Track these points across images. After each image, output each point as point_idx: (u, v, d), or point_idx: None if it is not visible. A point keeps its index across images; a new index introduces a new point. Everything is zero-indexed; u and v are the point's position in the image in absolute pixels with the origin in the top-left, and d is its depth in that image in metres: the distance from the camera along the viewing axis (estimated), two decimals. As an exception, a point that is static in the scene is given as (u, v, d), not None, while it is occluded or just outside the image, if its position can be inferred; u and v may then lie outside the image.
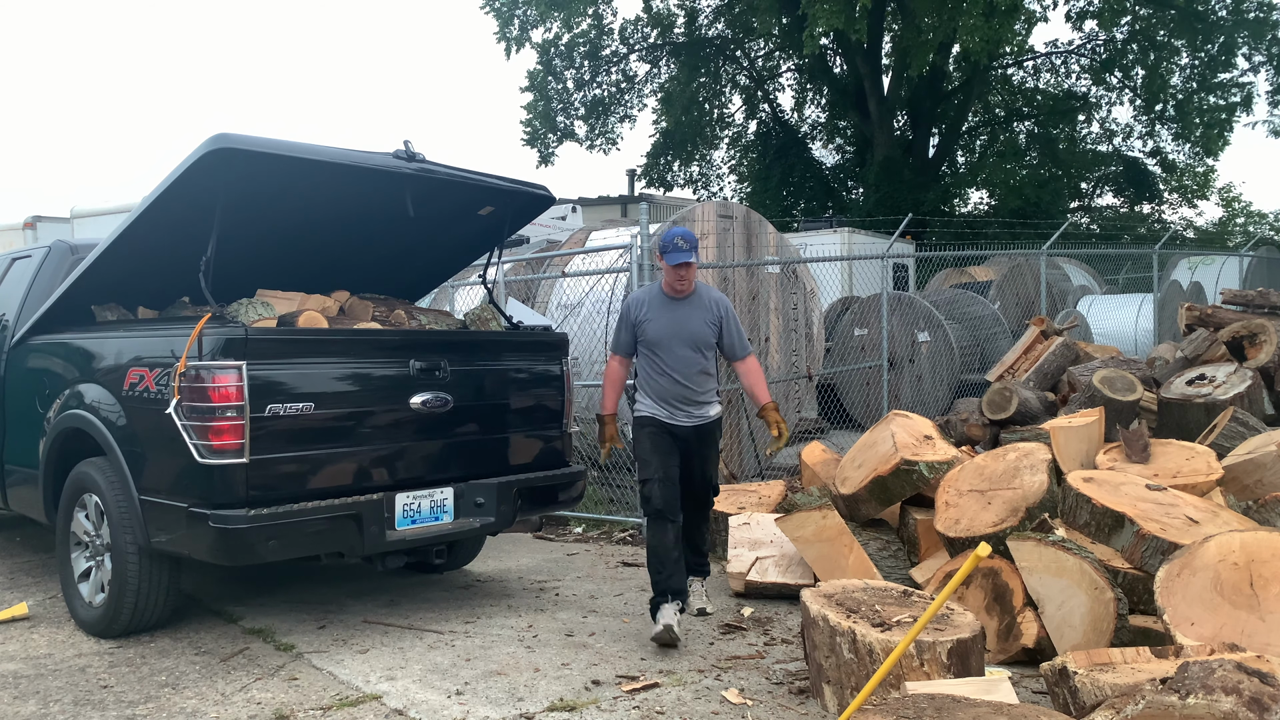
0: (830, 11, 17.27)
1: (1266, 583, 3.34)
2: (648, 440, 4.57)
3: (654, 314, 4.56)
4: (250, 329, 4.07)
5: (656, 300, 4.59)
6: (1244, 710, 2.28)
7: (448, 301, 9.19)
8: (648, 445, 4.56)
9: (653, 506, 4.45)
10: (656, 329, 4.54)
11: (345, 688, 3.86)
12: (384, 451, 4.46)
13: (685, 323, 4.54)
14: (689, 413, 4.60)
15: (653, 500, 4.45)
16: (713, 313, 4.60)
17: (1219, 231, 31.11)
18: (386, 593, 5.35)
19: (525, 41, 24.06)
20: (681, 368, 4.53)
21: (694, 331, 4.54)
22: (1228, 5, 21.17)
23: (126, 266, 4.78)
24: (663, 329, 4.54)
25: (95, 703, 3.76)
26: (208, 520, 3.94)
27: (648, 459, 4.52)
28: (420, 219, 4.90)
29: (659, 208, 18.85)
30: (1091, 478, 4.57)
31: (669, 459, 4.54)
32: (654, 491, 4.45)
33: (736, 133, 28.69)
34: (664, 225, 7.93)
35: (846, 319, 11.00)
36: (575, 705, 3.64)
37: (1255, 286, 10.76)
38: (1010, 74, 26.63)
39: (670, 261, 4.43)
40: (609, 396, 4.77)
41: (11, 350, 5.44)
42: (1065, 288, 14.93)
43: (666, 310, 4.56)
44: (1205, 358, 6.90)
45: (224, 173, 4.10)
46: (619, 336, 4.70)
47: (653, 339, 4.55)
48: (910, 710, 2.68)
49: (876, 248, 13.21)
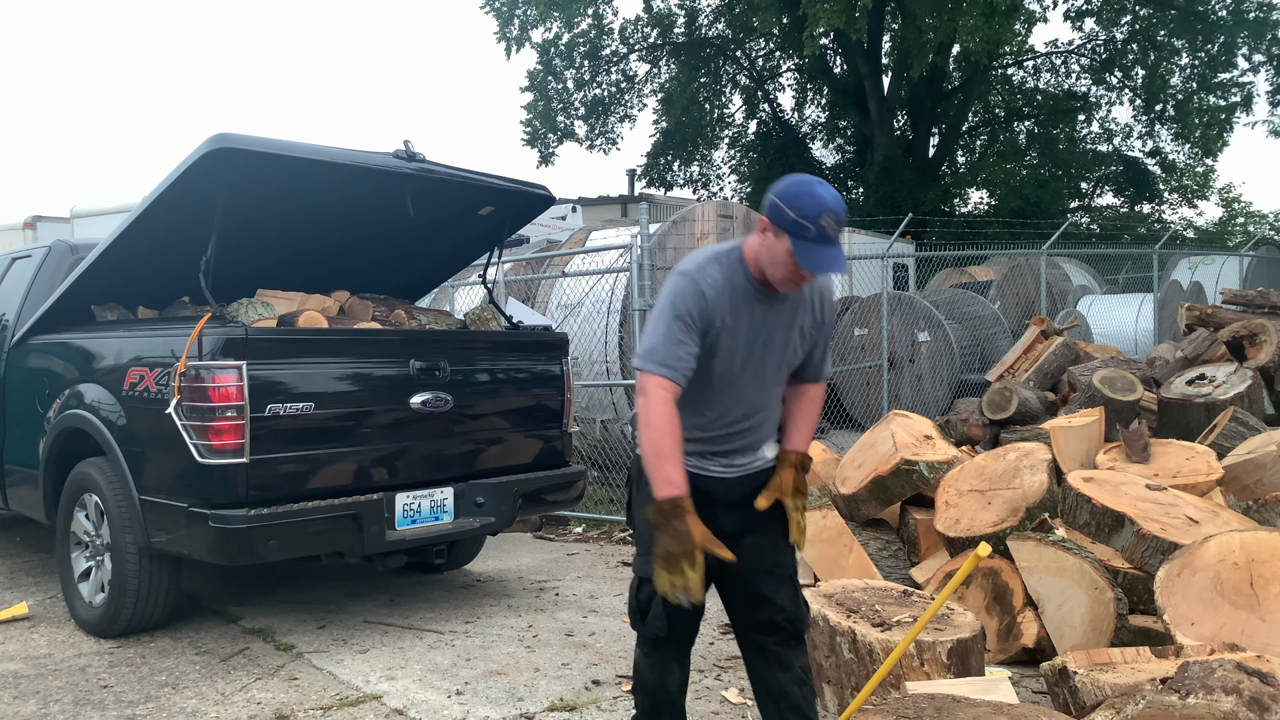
0: (830, 11, 17.27)
1: (1266, 583, 3.34)
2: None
3: (737, 316, 2.56)
4: (250, 329, 4.07)
5: (741, 291, 2.56)
6: (1244, 710, 2.28)
7: (448, 301, 9.19)
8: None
9: (650, 628, 2.64)
10: (736, 339, 2.58)
11: (345, 688, 3.86)
12: (384, 451, 4.45)
13: (778, 332, 2.63)
14: (738, 464, 2.70)
15: (651, 617, 2.62)
16: (814, 315, 2.70)
17: (1219, 231, 31.09)
18: (386, 593, 5.35)
19: (525, 41, 24.05)
20: (758, 400, 2.67)
21: (787, 346, 2.66)
22: (1228, 5, 21.17)
23: (126, 266, 4.78)
24: (745, 340, 2.59)
25: (95, 703, 3.76)
26: (208, 520, 3.94)
27: (650, 543, 2.52)
28: (420, 219, 4.90)
29: (659, 208, 18.83)
30: (1091, 478, 4.57)
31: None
32: (657, 603, 2.58)
33: (736, 133, 28.69)
34: (664, 225, 7.93)
35: (846, 319, 10.99)
36: (575, 705, 3.64)
37: (1255, 286, 10.76)
38: (1010, 74, 26.63)
39: (810, 260, 2.42)
40: (669, 461, 2.43)
41: (11, 350, 5.44)
42: (1065, 288, 14.92)
43: (753, 310, 2.58)
44: (1205, 358, 6.90)
45: (224, 173, 4.09)
46: (673, 341, 2.48)
47: (726, 354, 2.58)
48: (910, 710, 2.68)
49: (876, 248, 13.20)
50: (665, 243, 7.75)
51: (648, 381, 2.46)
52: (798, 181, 2.49)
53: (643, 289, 6.77)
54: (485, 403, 4.88)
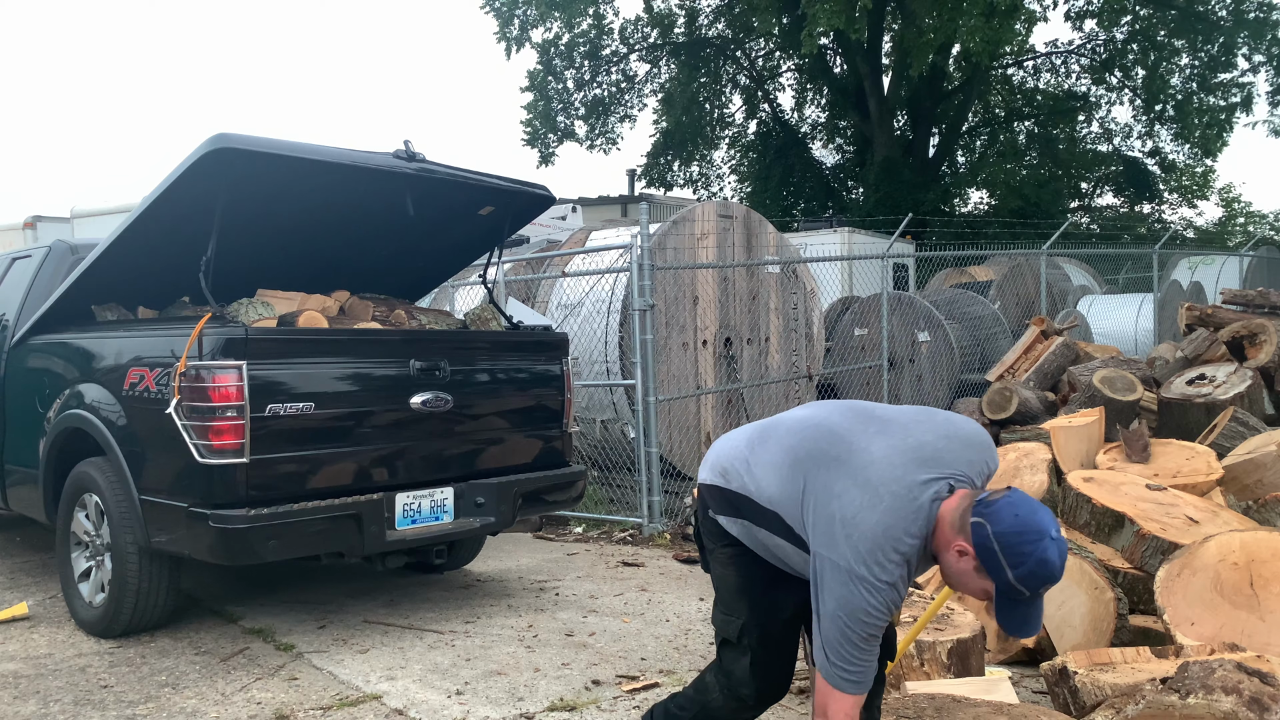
0: (830, 11, 17.28)
1: (1266, 583, 3.34)
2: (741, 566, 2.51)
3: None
4: (250, 329, 4.07)
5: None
6: (1244, 710, 2.28)
7: (448, 301, 9.19)
8: (744, 573, 2.50)
9: (736, 690, 2.49)
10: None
11: (345, 688, 3.86)
12: (384, 451, 4.45)
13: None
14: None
15: (738, 681, 2.48)
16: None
17: (1219, 231, 31.09)
18: (386, 593, 5.35)
19: (525, 41, 24.06)
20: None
21: None
22: (1228, 5, 21.19)
23: (126, 266, 4.77)
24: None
25: (95, 703, 3.76)
26: (208, 520, 3.94)
27: (742, 594, 2.48)
28: (420, 219, 4.89)
29: (659, 208, 18.84)
30: (1091, 477, 4.57)
31: (777, 594, 2.47)
32: (743, 666, 2.46)
33: (736, 133, 28.70)
34: (664, 225, 7.93)
35: (846, 319, 11.00)
36: (575, 705, 3.64)
37: (1255, 286, 10.76)
38: (1010, 74, 26.64)
39: (1011, 622, 2.10)
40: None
41: (11, 350, 5.44)
42: (1065, 288, 14.92)
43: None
44: (1205, 358, 6.90)
45: (224, 173, 4.09)
46: (879, 625, 2.16)
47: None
48: (910, 710, 2.68)
49: (876, 248, 13.21)
50: (665, 243, 7.75)
51: (837, 702, 2.16)
52: (1027, 531, 2.02)
53: (643, 289, 6.76)
54: (485, 403, 4.88)
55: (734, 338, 8.42)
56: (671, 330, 7.77)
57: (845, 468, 2.22)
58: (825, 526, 2.17)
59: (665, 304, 7.65)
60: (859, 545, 2.11)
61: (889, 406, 2.50)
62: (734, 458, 2.47)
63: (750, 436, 2.51)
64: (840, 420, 2.37)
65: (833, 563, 2.14)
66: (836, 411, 2.43)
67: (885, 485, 2.15)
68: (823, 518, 2.19)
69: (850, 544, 2.12)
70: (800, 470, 2.29)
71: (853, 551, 2.11)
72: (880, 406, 2.47)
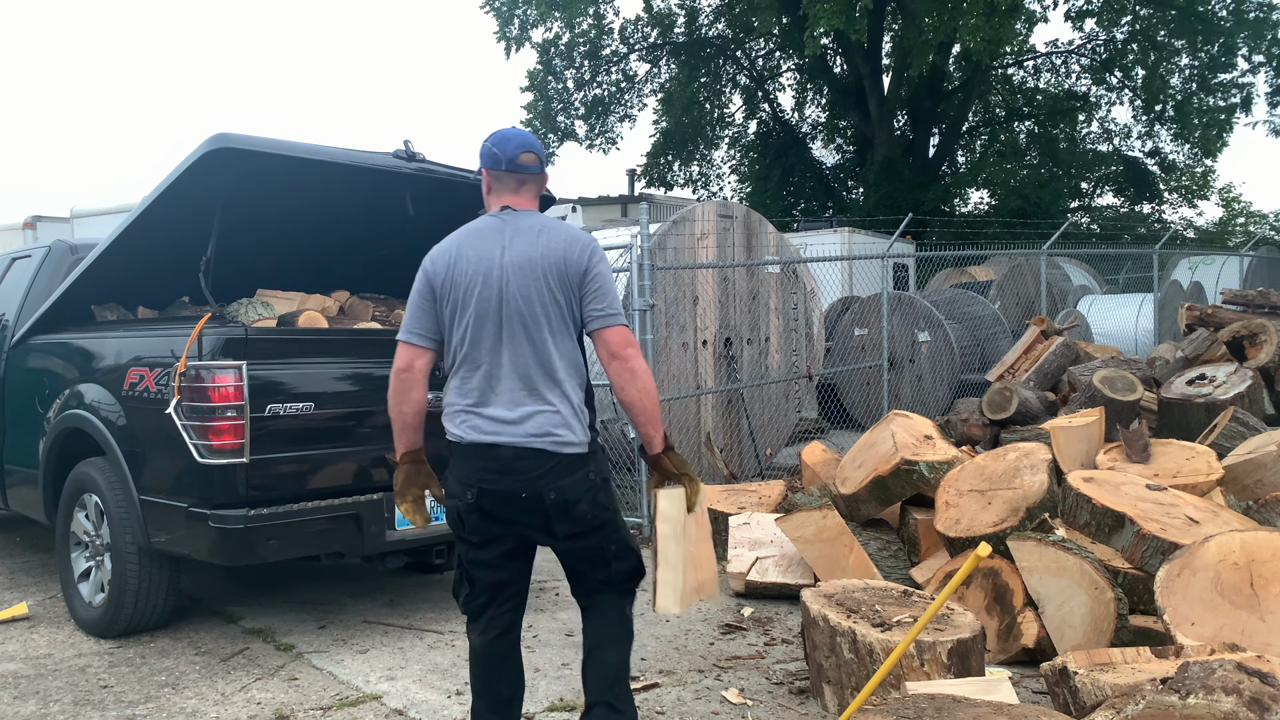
0: (830, 11, 17.28)
1: (1267, 583, 3.34)
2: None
3: None
4: (250, 329, 4.07)
5: None
6: (1244, 710, 2.28)
7: (448, 301, 9.17)
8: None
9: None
10: None
11: (345, 688, 3.86)
12: (384, 451, 4.45)
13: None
14: None
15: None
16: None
17: (1219, 231, 31.10)
18: (386, 593, 5.35)
19: (525, 41, 24.07)
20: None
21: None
22: (1228, 5, 21.19)
23: (126, 266, 4.77)
24: None
25: (95, 703, 3.76)
26: (207, 520, 3.94)
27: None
28: (420, 219, 4.89)
29: (659, 208, 18.82)
30: (1092, 478, 4.57)
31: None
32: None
33: (736, 133, 28.72)
34: (664, 225, 7.94)
35: (846, 319, 11.00)
36: (575, 705, 3.64)
37: (1255, 286, 10.77)
38: (1010, 74, 26.64)
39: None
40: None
41: (11, 350, 5.44)
42: (1065, 288, 14.93)
43: None
44: (1205, 358, 6.90)
45: (224, 172, 4.09)
46: None
47: None
48: (910, 710, 2.68)
49: (876, 248, 13.21)
50: (665, 243, 7.74)
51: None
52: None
53: (643, 289, 6.76)
54: (485, 403, 4.86)
55: (734, 338, 8.42)
56: (671, 330, 7.77)
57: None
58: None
59: (665, 304, 7.64)
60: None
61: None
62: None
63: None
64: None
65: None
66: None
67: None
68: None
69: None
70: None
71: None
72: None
